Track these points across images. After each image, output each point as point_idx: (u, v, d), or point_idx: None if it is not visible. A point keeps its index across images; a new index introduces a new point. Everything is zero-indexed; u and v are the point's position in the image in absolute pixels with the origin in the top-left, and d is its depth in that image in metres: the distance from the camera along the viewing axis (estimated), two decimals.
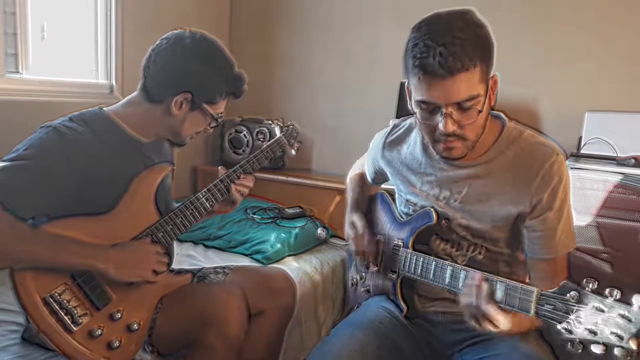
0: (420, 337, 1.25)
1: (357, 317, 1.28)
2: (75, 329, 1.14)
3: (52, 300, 1.13)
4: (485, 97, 1.05)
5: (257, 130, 2.61)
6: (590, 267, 1.63)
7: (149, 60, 1.30)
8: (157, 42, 1.31)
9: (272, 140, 1.61)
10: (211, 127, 1.39)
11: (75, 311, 1.15)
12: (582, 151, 1.90)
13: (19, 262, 1.12)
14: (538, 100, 2.21)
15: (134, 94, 1.34)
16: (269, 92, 2.84)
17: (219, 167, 1.47)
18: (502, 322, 0.98)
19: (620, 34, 2.05)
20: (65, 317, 1.14)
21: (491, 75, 1.06)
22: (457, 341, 1.22)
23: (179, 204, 1.38)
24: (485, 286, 1.01)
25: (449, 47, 0.97)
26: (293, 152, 1.68)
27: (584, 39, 2.12)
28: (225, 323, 1.27)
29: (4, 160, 1.13)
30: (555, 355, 1.15)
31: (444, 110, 1.03)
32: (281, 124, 1.66)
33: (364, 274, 1.43)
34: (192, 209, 1.36)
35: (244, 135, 2.64)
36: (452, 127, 1.05)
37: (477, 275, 1.04)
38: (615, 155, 1.82)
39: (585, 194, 1.64)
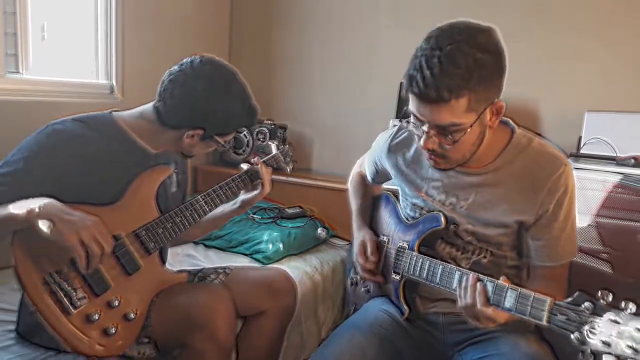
0: (421, 339, 1.25)
1: (357, 319, 1.28)
2: (73, 311, 1.15)
3: (52, 281, 1.14)
4: (473, 124, 1.02)
5: (257, 130, 2.62)
6: (590, 268, 1.63)
7: (165, 87, 1.29)
8: (174, 68, 1.30)
9: (269, 156, 1.67)
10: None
11: (74, 294, 1.16)
12: (582, 151, 1.89)
13: None
14: (538, 100, 2.21)
15: (148, 108, 1.34)
16: (269, 92, 2.85)
17: (242, 164, 1.51)
18: (498, 318, 1.00)
19: (620, 34, 2.06)
20: (64, 299, 1.14)
21: (494, 101, 1.03)
22: (458, 341, 1.23)
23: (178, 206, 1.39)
24: (479, 287, 1.02)
25: (435, 75, 0.96)
26: (288, 169, 1.77)
27: (583, 39, 2.12)
28: (213, 326, 1.26)
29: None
30: (555, 355, 1.15)
31: (424, 128, 1.04)
32: (277, 144, 1.78)
33: None
34: (191, 211, 1.38)
35: (244, 135, 2.64)
36: (429, 146, 1.06)
37: (470, 276, 1.05)
38: (614, 155, 1.82)
39: (585, 194, 1.64)
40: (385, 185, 1.59)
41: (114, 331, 1.20)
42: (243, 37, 2.93)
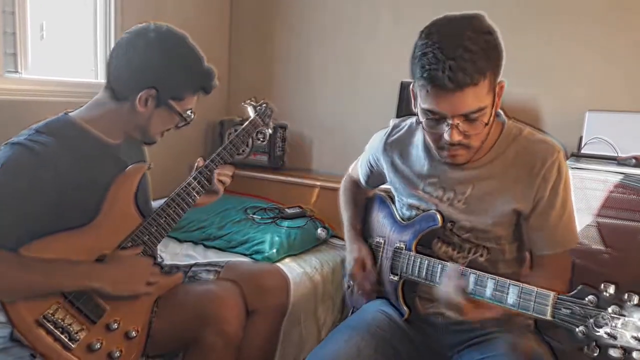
0: (419, 341, 1.25)
1: (354, 320, 1.27)
2: (73, 346, 1.13)
3: (45, 321, 1.12)
4: (492, 106, 1.06)
5: (257, 130, 2.60)
6: (590, 268, 1.63)
7: (111, 56, 1.26)
8: (121, 36, 1.27)
9: (246, 123, 1.54)
10: (180, 126, 1.33)
11: (71, 328, 1.14)
12: (583, 151, 1.89)
13: (17, 293, 1.11)
14: (539, 99, 2.21)
15: (99, 94, 1.29)
16: (269, 92, 2.84)
17: (198, 159, 1.42)
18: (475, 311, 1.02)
19: (621, 33, 2.05)
20: (62, 336, 1.12)
21: (498, 81, 1.06)
22: (457, 342, 1.22)
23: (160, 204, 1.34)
24: (462, 279, 1.05)
25: (459, 61, 0.97)
26: (269, 130, 1.64)
27: (585, 38, 2.11)
28: (224, 321, 1.26)
29: None
30: (554, 355, 1.15)
31: (450, 121, 1.04)
32: (254, 104, 1.59)
33: None
34: (174, 207, 1.32)
35: None
36: (457, 137, 1.06)
37: (456, 268, 1.08)
38: (615, 155, 1.81)
39: (586, 193, 1.64)
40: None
41: (118, 354, 1.18)
42: (243, 37, 2.93)
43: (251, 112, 1.59)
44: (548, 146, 1.13)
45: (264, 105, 1.61)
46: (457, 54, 0.97)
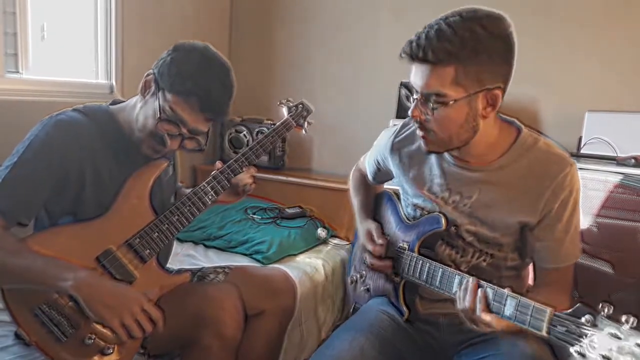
0: (421, 340, 1.25)
1: (357, 321, 1.27)
2: (65, 339, 1.12)
3: (40, 312, 1.12)
4: (459, 101, 1.02)
5: (257, 130, 2.62)
6: (591, 267, 1.63)
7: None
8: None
9: (278, 123, 1.50)
10: (161, 125, 1.20)
11: (65, 321, 1.13)
12: (582, 151, 1.89)
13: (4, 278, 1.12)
14: (538, 99, 2.21)
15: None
16: (269, 92, 2.84)
17: (217, 162, 1.41)
18: (496, 325, 0.99)
19: (620, 33, 2.05)
20: (55, 328, 1.12)
21: (490, 88, 1.03)
22: (458, 342, 1.22)
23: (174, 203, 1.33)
24: (480, 292, 1.01)
25: (430, 38, 1.00)
26: (304, 132, 1.60)
27: (584, 39, 2.12)
28: (221, 323, 1.26)
29: (6, 167, 1.14)
30: (555, 355, 1.15)
31: (415, 96, 1.07)
32: (290, 104, 1.58)
33: (364, 272, 1.43)
34: (189, 205, 1.30)
35: (244, 135, 2.64)
36: (415, 113, 1.08)
37: (471, 281, 1.04)
38: (615, 155, 1.82)
39: (586, 194, 1.64)
40: (386, 185, 1.58)
41: (111, 351, 1.16)
42: (243, 37, 2.93)
43: (285, 113, 1.54)
44: (561, 159, 1.11)
45: (300, 105, 1.58)
46: (434, 31, 1.00)
